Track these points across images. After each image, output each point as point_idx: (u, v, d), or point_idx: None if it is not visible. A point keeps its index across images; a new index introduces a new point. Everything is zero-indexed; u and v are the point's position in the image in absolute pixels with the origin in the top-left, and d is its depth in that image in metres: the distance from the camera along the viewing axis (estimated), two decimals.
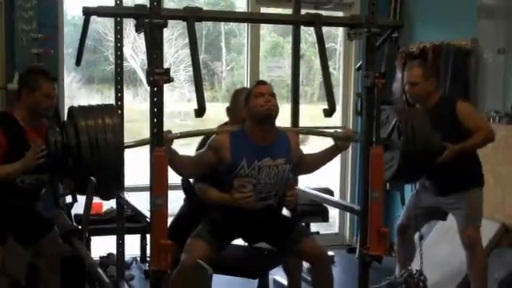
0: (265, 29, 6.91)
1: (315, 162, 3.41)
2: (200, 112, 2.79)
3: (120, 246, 3.99)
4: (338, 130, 3.42)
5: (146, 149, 2.88)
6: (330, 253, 5.38)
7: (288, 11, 4.31)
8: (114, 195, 3.55)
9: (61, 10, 4.81)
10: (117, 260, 4.13)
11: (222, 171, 3.18)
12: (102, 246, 4.76)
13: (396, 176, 3.33)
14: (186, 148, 3.52)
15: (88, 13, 2.81)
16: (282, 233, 3.26)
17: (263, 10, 5.40)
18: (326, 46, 3.09)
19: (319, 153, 3.39)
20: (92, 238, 4.67)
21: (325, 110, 3.05)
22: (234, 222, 3.20)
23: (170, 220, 2.96)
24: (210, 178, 3.26)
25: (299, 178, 3.99)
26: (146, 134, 2.81)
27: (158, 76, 2.69)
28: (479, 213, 3.88)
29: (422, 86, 3.84)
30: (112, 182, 2.88)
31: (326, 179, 5.93)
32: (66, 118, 3.00)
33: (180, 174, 3.27)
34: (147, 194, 2.80)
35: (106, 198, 3.52)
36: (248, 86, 5.39)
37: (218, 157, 3.14)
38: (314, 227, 5.40)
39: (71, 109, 2.90)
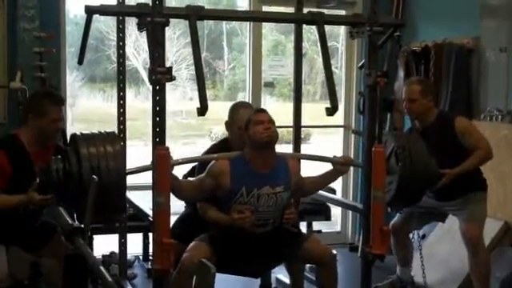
0: (267, 27, 6.90)
1: (314, 186, 3.48)
2: (202, 111, 2.80)
3: (122, 244, 3.99)
4: (337, 156, 3.45)
5: (149, 147, 2.89)
6: (332, 251, 5.39)
7: (290, 10, 4.31)
8: (115, 220, 3.55)
9: (63, 8, 4.81)
10: (119, 259, 4.14)
11: (221, 197, 3.20)
12: (104, 244, 4.77)
13: (395, 199, 3.36)
14: (189, 146, 3.51)
15: (90, 11, 2.81)
16: (284, 247, 3.27)
17: (265, 8, 5.39)
18: (329, 44, 3.09)
19: (318, 177, 3.43)
20: (94, 236, 4.67)
21: (327, 109, 3.05)
22: (235, 241, 3.18)
23: (172, 219, 2.96)
24: (211, 199, 3.27)
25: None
26: (148, 133, 2.82)
27: (160, 74, 2.69)
28: (482, 213, 3.87)
29: (420, 103, 3.84)
30: (113, 206, 2.88)
31: None
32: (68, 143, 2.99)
33: (180, 199, 3.29)
34: (149, 193, 2.81)
35: (106, 222, 3.50)
36: (249, 85, 5.42)
37: (218, 182, 3.16)
38: (317, 225, 5.39)
39: (74, 136, 2.90)
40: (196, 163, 3.49)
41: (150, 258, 4.67)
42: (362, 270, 3.30)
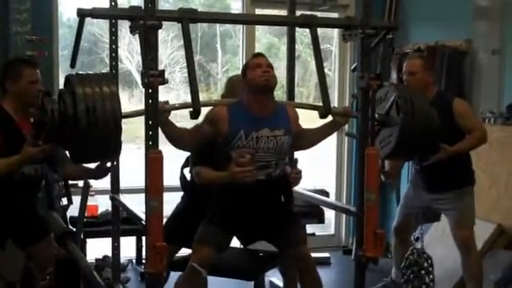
0: (260, 30, 6.90)
1: (314, 137, 3.39)
2: (195, 114, 2.79)
3: (115, 248, 3.97)
4: (336, 106, 3.38)
5: (142, 150, 2.88)
6: (326, 254, 5.39)
7: (283, 12, 4.31)
8: (109, 161, 3.49)
9: (56, 11, 4.81)
10: (112, 262, 4.12)
11: (219, 143, 3.14)
12: (97, 248, 4.76)
13: (394, 152, 3.30)
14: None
15: (82, 15, 2.80)
16: (282, 227, 3.23)
17: (258, 11, 5.39)
18: (322, 47, 3.09)
19: (318, 128, 3.37)
20: (88, 240, 4.66)
21: (320, 111, 3.05)
22: (237, 200, 3.15)
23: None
24: (207, 157, 3.21)
25: None
26: (142, 136, 2.81)
27: (153, 77, 2.69)
28: (471, 213, 3.89)
29: (420, 76, 3.83)
30: (108, 148, 2.83)
31: (322, 180, 5.94)
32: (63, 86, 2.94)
33: (176, 146, 3.20)
34: (142, 196, 2.80)
35: (104, 160, 3.45)
36: None
37: (216, 128, 3.11)
38: (310, 228, 5.39)
39: (68, 77, 2.86)
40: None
41: (144, 261, 4.66)
42: (356, 273, 3.30)
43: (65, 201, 4.33)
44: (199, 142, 3.17)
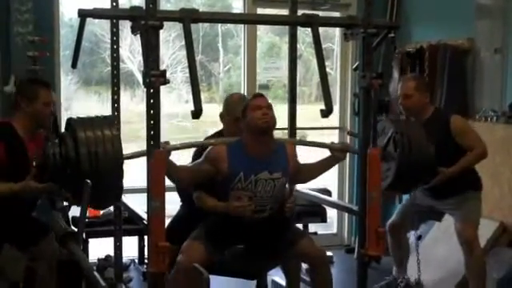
0: (261, 29, 6.90)
1: (312, 173, 3.45)
2: (196, 114, 2.79)
3: (118, 248, 3.97)
4: (335, 142, 3.45)
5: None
6: (329, 253, 5.38)
7: (285, 12, 4.30)
8: (111, 205, 3.53)
9: (57, 12, 4.81)
10: (115, 262, 4.12)
11: (219, 182, 3.19)
12: (100, 248, 4.76)
13: (392, 186, 3.36)
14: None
15: (83, 15, 2.79)
16: (280, 238, 3.26)
17: (260, 10, 5.39)
18: (324, 46, 3.09)
19: (316, 163, 3.43)
20: (90, 240, 4.66)
21: (322, 111, 3.05)
22: (232, 229, 3.19)
23: (166, 221, 2.95)
24: (208, 187, 3.26)
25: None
26: (144, 136, 2.80)
27: (154, 78, 2.68)
28: (477, 213, 3.88)
29: (415, 99, 3.84)
30: (110, 192, 2.86)
31: (324, 180, 5.93)
32: (64, 129, 2.96)
33: (177, 185, 3.28)
34: (144, 196, 2.79)
35: (102, 207, 3.50)
36: (244, 87, 5.41)
37: (216, 168, 3.16)
38: (313, 228, 5.39)
39: (70, 120, 2.88)
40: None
41: (146, 261, 4.66)
42: (358, 271, 3.29)
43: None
44: (199, 180, 3.22)
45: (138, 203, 3.52)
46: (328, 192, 5.22)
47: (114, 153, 2.73)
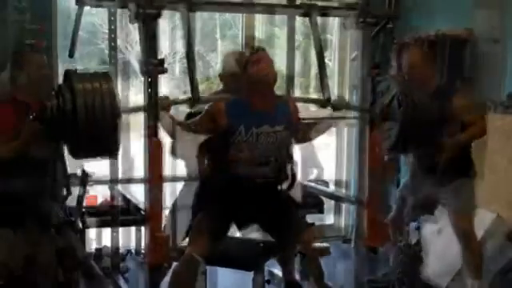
0: (259, 19, 6.87)
1: (312, 129, 3.44)
2: (194, 102, 2.78)
3: (114, 238, 3.98)
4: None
5: (141, 140, 2.87)
6: (326, 244, 5.38)
7: (283, 1, 4.28)
8: (106, 157, 3.49)
9: (54, 0, 4.77)
10: (111, 252, 4.12)
11: (219, 137, 3.17)
12: (97, 237, 4.74)
13: (395, 146, 3.30)
14: None
15: (81, 3, 2.79)
16: (279, 219, 3.24)
17: (258, 0, 5.35)
18: (322, 36, 3.07)
19: (312, 123, 3.44)
20: (87, 230, 4.65)
21: (320, 101, 3.04)
22: (234, 192, 3.17)
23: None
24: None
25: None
26: (141, 125, 2.80)
27: (152, 66, 2.67)
28: (472, 203, 3.87)
29: (421, 70, 3.80)
30: (106, 143, 2.82)
31: (322, 170, 5.91)
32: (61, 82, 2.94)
33: (176, 140, 3.26)
34: (142, 187, 2.79)
35: (97, 156, 3.44)
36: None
37: (215, 123, 3.14)
38: (310, 218, 5.38)
39: (67, 72, 2.85)
40: None
41: (143, 251, 4.66)
42: (356, 262, 3.30)
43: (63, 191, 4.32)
44: (200, 134, 3.22)
45: (140, 194, 3.51)
46: (325, 182, 5.21)
47: (111, 105, 2.71)
